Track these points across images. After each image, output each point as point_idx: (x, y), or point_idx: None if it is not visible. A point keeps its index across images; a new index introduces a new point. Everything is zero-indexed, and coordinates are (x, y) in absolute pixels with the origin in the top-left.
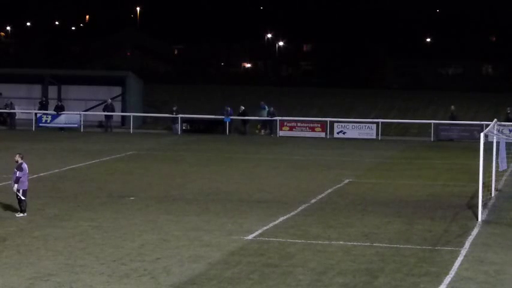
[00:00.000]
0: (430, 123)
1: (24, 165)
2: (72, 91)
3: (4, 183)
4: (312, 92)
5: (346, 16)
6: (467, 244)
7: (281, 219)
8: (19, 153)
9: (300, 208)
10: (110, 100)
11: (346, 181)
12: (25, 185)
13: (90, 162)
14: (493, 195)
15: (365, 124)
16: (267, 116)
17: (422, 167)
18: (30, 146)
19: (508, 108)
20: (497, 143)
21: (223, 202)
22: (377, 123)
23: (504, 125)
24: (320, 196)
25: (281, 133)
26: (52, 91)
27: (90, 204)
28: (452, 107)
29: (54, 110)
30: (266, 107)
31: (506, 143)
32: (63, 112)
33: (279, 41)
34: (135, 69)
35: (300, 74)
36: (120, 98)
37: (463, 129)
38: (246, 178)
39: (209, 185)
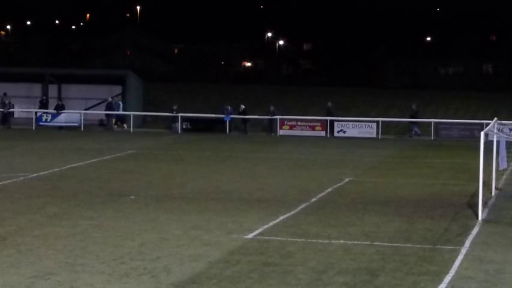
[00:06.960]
0: (430, 122)
1: None
2: (72, 90)
3: (4, 182)
4: (312, 91)
5: (346, 15)
6: (467, 243)
7: (281, 218)
8: None
9: (300, 207)
10: (111, 98)
11: (347, 180)
12: None
13: (91, 161)
14: (493, 194)
15: (365, 123)
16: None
17: (423, 166)
18: (31, 144)
19: (413, 105)
20: (498, 142)
21: (223, 201)
22: (377, 122)
23: (504, 124)
24: (320, 195)
25: (281, 132)
26: (52, 90)
27: (90, 203)
28: (413, 105)
29: (55, 109)
30: (120, 103)
31: (506, 141)
32: (64, 111)
33: (279, 40)
34: (135, 68)
35: (300, 73)
36: (120, 97)
37: (463, 128)
38: (246, 177)
39: (209, 183)
